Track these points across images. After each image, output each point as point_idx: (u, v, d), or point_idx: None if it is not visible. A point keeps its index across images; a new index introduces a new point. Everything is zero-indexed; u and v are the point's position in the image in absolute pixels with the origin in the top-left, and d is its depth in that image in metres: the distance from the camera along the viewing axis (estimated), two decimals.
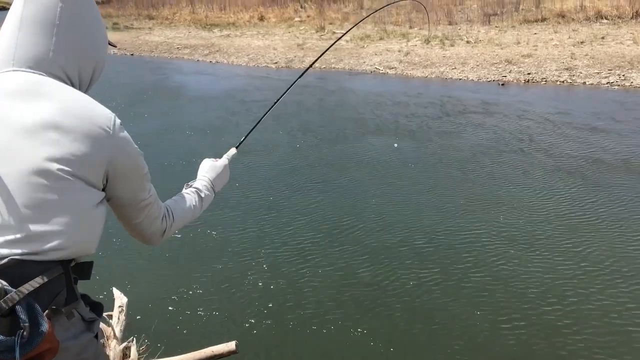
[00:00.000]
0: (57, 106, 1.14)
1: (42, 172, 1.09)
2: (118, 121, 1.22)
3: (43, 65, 1.20)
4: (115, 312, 3.01)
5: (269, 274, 4.22)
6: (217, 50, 16.80)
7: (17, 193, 1.07)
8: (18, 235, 1.06)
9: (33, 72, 1.18)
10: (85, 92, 1.29)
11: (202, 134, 8.29)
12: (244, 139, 1.96)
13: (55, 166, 1.10)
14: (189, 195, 1.56)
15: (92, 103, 1.21)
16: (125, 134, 1.23)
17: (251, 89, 11.70)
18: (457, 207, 5.28)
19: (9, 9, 1.27)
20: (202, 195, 1.60)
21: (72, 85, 1.25)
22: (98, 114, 1.19)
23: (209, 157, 1.77)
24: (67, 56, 1.23)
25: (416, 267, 4.24)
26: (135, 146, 1.27)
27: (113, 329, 2.80)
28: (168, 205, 1.46)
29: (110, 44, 1.41)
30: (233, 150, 1.88)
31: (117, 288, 3.25)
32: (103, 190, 1.22)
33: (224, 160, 1.78)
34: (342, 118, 9.00)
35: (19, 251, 1.05)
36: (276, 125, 8.28)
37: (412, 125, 8.27)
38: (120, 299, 3.11)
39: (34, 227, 1.07)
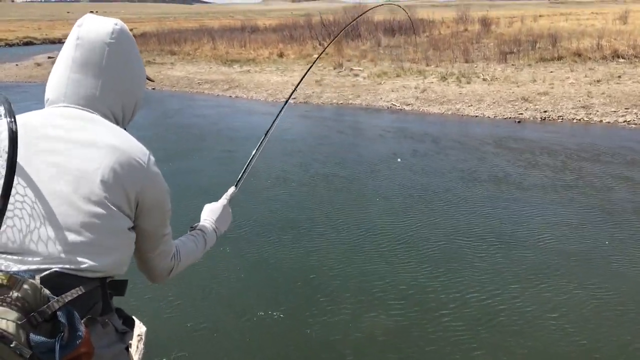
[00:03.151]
0: (101, 140, 1.25)
1: (87, 198, 1.20)
2: (152, 158, 1.33)
3: (91, 103, 1.32)
4: (134, 341, 3.06)
5: (288, 307, 4.24)
6: (237, 86, 17.11)
7: (64, 214, 1.18)
8: (62, 255, 1.16)
9: (82, 109, 1.31)
10: (125, 126, 1.41)
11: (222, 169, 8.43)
12: (241, 176, 1.97)
13: (98, 193, 1.21)
14: (192, 237, 1.65)
15: (131, 138, 1.33)
16: (157, 169, 1.34)
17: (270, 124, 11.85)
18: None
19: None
20: (206, 238, 1.68)
21: (116, 121, 1.37)
22: (135, 149, 1.30)
23: (209, 202, 1.83)
24: (113, 95, 1.35)
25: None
26: (165, 183, 1.38)
27: (131, 358, 2.84)
28: (176, 244, 1.54)
29: (148, 78, 1.52)
30: (232, 189, 1.92)
31: (136, 317, 3.29)
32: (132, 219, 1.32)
33: (222, 200, 1.85)
34: (371, 155, 9.10)
35: (61, 266, 1.15)
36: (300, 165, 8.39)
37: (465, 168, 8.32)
38: (139, 327, 3.16)
39: (77, 247, 1.17)
